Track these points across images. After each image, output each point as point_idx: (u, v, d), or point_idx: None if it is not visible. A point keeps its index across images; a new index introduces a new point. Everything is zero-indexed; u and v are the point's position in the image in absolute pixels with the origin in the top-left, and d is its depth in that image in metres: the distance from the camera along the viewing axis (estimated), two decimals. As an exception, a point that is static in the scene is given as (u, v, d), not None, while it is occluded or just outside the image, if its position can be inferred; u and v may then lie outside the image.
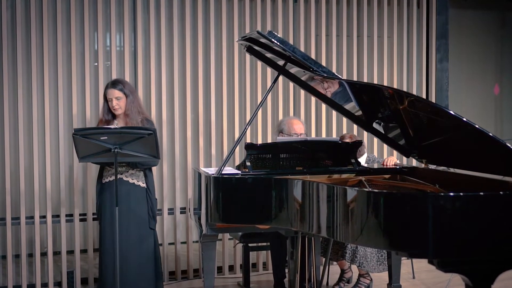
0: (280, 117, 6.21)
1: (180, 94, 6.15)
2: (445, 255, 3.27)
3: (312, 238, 4.66)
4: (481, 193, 3.30)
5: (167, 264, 6.00)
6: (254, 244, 5.57)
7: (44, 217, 5.68)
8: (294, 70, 4.46)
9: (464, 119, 3.54)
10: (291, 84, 6.21)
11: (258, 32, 4.16)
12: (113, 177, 4.83)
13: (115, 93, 4.85)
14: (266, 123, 6.35)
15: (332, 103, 4.64)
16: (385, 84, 6.79)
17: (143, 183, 4.90)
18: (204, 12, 6.19)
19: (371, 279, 5.55)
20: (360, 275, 5.55)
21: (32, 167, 5.67)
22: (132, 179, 4.87)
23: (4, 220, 5.60)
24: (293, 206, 3.91)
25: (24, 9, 5.70)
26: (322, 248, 5.26)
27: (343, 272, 5.66)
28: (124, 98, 4.86)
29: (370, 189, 3.88)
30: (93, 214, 5.73)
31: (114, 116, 4.92)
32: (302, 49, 6.33)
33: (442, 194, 3.33)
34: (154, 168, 5.79)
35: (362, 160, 5.41)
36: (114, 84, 4.91)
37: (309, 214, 3.80)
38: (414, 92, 6.97)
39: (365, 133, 6.29)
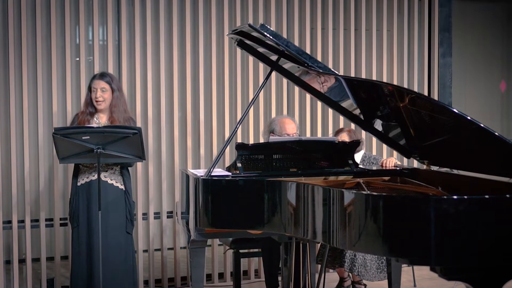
0: (273, 115, 6.20)
1: (167, 91, 6.14)
2: (448, 262, 3.27)
3: (307, 244, 4.66)
4: (486, 196, 3.30)
5: (153, 271, 5.99)
6: (246, 250, 5.56)
7: (23, 221, 5.66)
8: (288, 65, 4.46)
9: (468, 118, 3.54)
10: (285, 81, 6.20)
11: (249, 25, 4.15)
12: (89, 179, 4.85)
13: (101, 83, 4.85)
14: (258, 122, 6.34)
15: (328, 101, 4.64)
16: (385, 80, 6.80)
17: (121, 185, 4.89)
18: (192, 3, 6.18)
19: (365, 285, 5.56)
20: (354, 282, 5.57)
21: (9, 168, 5.65)
22: (111, 180, 4.86)
23: (-20, 225, 5.59)
24: (287, 210, 3.91)
25: (1, 0, 5.67)
26: (318, 254, 5.26)
27: (342, 280, 5.67)
28: (110, 91, 4.86)
29: (368, 192, 3.88)
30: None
31: (96, 110, 4.91)
32: (296, 43, 6.33)
33: (445, 197, 3.33)
34: (139, 170, 5.81)
35: (358, 156, 5.41)
36: (102, 75, 4.91)
37: (304, 219, 3.79)
38: (415, 89, 6.98)
39: (364, 131, 6.30)
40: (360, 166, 5.01)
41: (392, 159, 5.01)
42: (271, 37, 4.13)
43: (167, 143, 6.13)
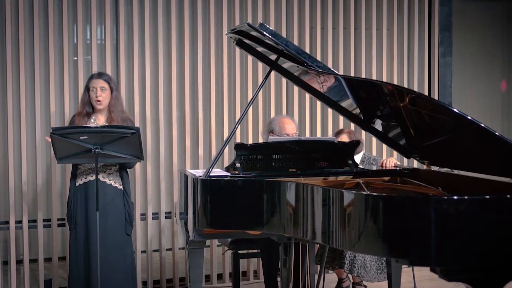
0: (272, 115, 6.20)
1: (166, 90, 6.13)
2: (448, 263, 3.27)
3: (307, 244, 4.65)
4: (487, 196, 3.30)
5: (151, 272, 5.98)
6: (245, 251, 5.55)
7: (20, 222, 5.65)
8: (287, 65, 4.45)
9: (469, 118, 3.54)
10: (284, 80, 6.20)
11: (248, 25, 4.15)
12: (87, 179, 4.84)
13: (101, 82, 4.82)
14: (257, 122, 6.34)
15: (327, 100, 4.64)
16: (385, 80, 6.80)
17: (120, 185, 4.88)
18: (191, 3, 6.18)
19: (365, 286, 5.56)
20: (354, 283, 5.56)
21: (7, 168, 5.65)
22: (109, 180, 4.85)
23: (-23, 226, 5.59)
24: (286, 210, 3.91)
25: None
26: (317, 255, 5.26)
27: (340, 281, 5.66)
28: (109, 91, 4.84)
29: (368, 192, 3.88)
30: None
31: (93, 110, 4.88)
32: (295, 42, 6.33)
33: (445, 197, 3.33)
34: (137, 170, 5.80)
35: (358, 158, 5.41)
36: (100, 74, 4.90)
37: (303, 219, 3.79)
38: (416, 89, 6.98)
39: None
40: (360, 166, 5.01)
41: (392, 159, 5.01)
42: (270, 37, 4.13)
43: (165, 143, 6.13)
